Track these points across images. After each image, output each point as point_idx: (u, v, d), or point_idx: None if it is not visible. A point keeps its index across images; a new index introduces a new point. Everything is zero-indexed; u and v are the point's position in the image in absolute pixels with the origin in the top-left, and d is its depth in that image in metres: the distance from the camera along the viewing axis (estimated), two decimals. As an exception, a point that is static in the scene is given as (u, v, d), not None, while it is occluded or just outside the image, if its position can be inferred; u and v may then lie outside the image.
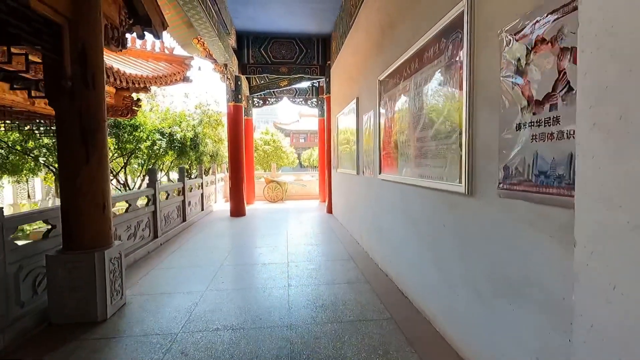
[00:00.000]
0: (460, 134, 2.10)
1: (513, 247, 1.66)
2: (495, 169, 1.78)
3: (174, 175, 20.39)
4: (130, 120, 10.04)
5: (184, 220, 6.90)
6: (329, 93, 8.22)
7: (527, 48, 1.53)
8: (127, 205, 4.60)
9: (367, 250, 4.72)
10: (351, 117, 5.69)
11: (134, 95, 8.57)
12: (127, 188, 13.32)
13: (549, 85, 1.42)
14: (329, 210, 8.40)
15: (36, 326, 2.71)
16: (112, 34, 3.36)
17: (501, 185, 1.73)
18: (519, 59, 1.59)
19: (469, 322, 2.09)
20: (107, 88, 7.57)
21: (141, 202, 5.25)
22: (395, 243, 3.49)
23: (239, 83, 8.07)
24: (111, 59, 7.20)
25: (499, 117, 1.75)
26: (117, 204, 5.06)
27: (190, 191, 7.60)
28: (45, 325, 2.75)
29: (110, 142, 10.22)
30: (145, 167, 13.63)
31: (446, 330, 2.39)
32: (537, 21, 1.46)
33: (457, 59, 2.13)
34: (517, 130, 1.61)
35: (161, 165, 15.17)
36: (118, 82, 6.26)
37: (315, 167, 41.32)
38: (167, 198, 6.10)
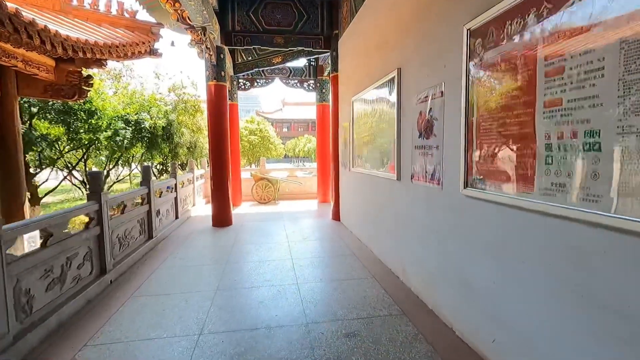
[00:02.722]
0: None
1: None
2: None
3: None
4: (84, 104, 8.06)
5: (150, 237, 5.16)
6: (336, 71, 6.56)
7: None
8: (45, 236, 2.87)
9: (424, 299, 3.18)
10: (382, 99, 4.08)
11: (84, 72, 6.68)
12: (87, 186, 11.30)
13: None
14: (336, 217, 6.83)
15: None
16: None
17: None
18: None
19: None
20: (40, 58, 5.67)
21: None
22: (521, 326, 1.95)
23: (222, 56, 6.28)
24: (47, 20, 5.29)
25: None
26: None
27: (160, 196, 5.84)
28: None
29: (60, 131, 8.24)
30: (111, 160, 11.65)
31: None
32: None
33: None
34: None
35: (131, 159, 13.20)
36: (48, 46, 4.38)
37: (299, 157, 39.65)
38: (123, 211, 4.36)
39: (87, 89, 6.42)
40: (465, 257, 2.44)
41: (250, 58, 8.21)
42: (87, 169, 11.43)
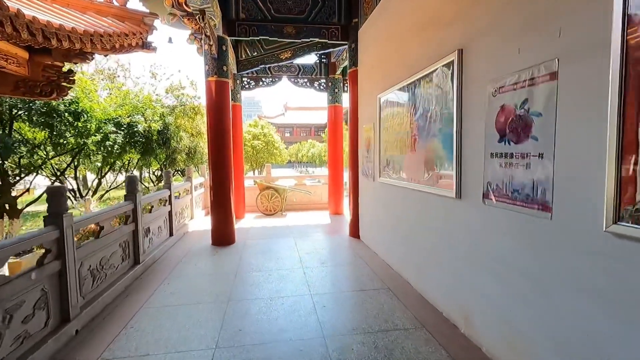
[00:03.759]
0: None
1: None
2: None
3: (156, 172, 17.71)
4: (70, 105, 7.21)
5: (136, 262, 4.26)
6: (356, 65, 5.68)
7: None
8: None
9: (504, 365, 2.25)
10: (428, 92, 3.19)
11: (68, 66, 5.86)
12: (79, 195, 10.41)
13: None
14: (354, 233, 5.92)
15: None
16: None
17: None
18: None
19: None
20: (9, 48, 4.78)
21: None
22: None
23: (224, 48, 5.42)
24: (16, 2, 4.46)
25: None
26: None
27: (150, 212, 4.95)
28: None
29: (43, 135, 7.39)
30: (104, 166, 10.79)
31: None
32: None
33: None
34: None
35: (127, 164, 12.35)
36: (8, 28, 3.50)
37: (302, 162, 38.78)
38: (98, 235, 3.46)
39: (68, 85, 5.56)
40: (614, 331, 1.52)
41: (256, 53, 7.36)
42: (77, 175, 10.57)
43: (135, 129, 8.04)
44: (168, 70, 17.26)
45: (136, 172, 18.27)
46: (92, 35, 4.84)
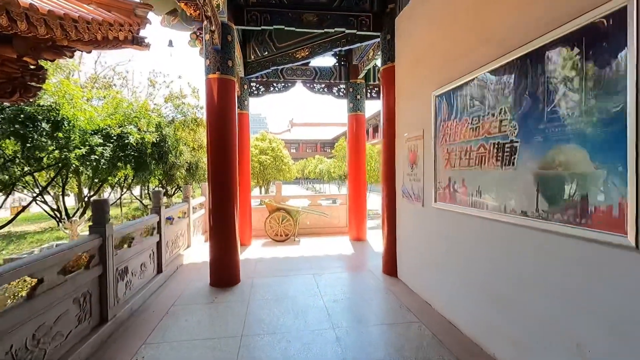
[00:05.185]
0: None
1: None
2: None
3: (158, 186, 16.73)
4: (50, 112, 6.16)
5: (103, 320, 3.04)
6: (392, 60, 4.58)
7: None
8: None
9: None
10: (542, 75, 2.03)
11: (36, 63, 4.82)
12: (65, 216, 9.27)
13: None
14: (390, 270, 4.67)
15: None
16: None
17: None
18: None
19: None
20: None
21: None
22: None
23: (229, 39, 4.35)
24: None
25: None
26: None
27: (130, 246, 3.76)
28: None
29: (16, 146, 6.32)
30: (93, 184, 9.70)
31: None
32: None
33: None
34: None
35: (122, 181, 11.28)
36: None
37: (309, 178, 37.65)
38: (33, 293, 2.26)
39: (36, 85, 4.51)
40: None
41: (267, 53, 6.31)
42: (64, 192, 9.47)
43: (127, 141, 6.96)
44: (168, 78, 16.40)
45: (136, 189, 17.23)
46: (61, 19, 3.76)
